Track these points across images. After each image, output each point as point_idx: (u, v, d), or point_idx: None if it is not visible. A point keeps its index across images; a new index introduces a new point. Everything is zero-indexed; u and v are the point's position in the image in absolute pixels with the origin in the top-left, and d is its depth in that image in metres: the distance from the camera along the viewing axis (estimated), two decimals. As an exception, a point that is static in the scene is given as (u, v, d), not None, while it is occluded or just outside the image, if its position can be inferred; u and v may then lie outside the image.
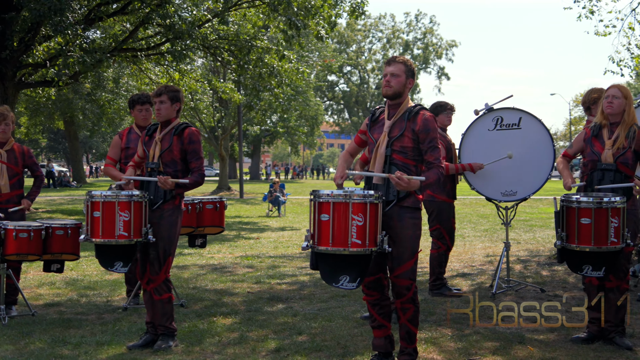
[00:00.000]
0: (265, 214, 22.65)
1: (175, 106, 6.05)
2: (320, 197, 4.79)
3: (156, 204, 5.95)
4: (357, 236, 4.72)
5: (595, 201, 5.58)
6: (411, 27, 78.17)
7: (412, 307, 5.12)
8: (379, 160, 5.17)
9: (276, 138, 59.51)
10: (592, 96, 7.70)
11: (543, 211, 23.05)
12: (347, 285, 4.85)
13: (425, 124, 5.13)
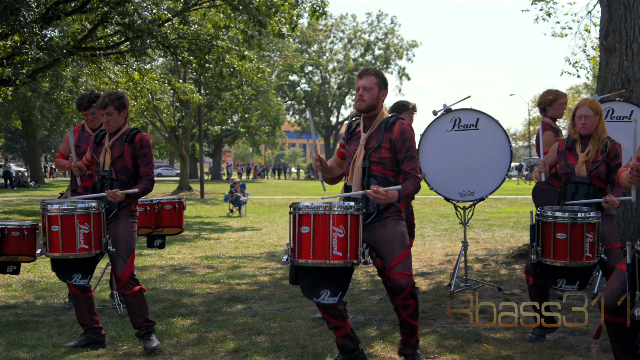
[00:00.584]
0: (226, 214, 22.58)
1: (123, 114, 5.95)
2: (300, 209, 4.70)
3: (112, 212, 5.89)
4: (338, 248, 4.64)
5: (570, 216, 5.59)
6: (372, 27, 78.45)
7: (413, 302, 5.03)
8: (356, 173, 5.15)
9: (237, 138, 59.28)
10: (547, 97, 7.82)
11: (502, 210, 23.30)
12: (329, 300, 4.78)
13: (403, 133, 5.11)
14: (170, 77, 27.33)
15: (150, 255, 11.62)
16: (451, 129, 8.23)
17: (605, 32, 9.77)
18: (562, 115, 7.85)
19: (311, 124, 5.61)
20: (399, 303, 5.01)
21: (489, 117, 8.27)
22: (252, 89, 33.92)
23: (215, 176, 66.91)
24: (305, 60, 71.77)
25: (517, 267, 10.32)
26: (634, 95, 9.23)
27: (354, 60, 77.64)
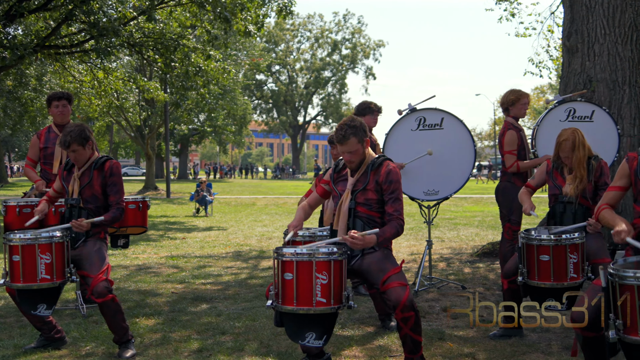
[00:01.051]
0: (192, 213, 22.48)
1: (88, 146, 5.85)
2: (284, 255, 4.62)
3: (79, 241, 5.81)
4: (321, 295, 4.57)
5: (554, 238, 5.62)
6: (339, 27, 78.59)
7: (413, 314, 4.83)
8: (342, 219, 5.10)
9: (204, 137, 59.10)
10: (510, 98, 7.91)
11: (467, 209, 23.46)
12: (314, 343, 4.70)
13: (389, 175, 5.03)
14: (135, 75, 27.14)
15: (114, 255, 11.53)
16: (416, 128, 8.28)
17: (568, 33, 9.88)
18: (524, 114, 7.94)
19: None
20: (399, 316, 4.82)
21: (454, 116, 8.33)
22: (219, 88, 33.79)
23: (182, 175, 66.62)
24: (272, 60, 71.69)
25: (481, 265, 10.42)
26: (596, 95, 9.35)
27: (321, 59, 77.73)
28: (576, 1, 9.73)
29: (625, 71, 9.36)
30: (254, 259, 11.43)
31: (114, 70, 23.43)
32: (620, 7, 9.38)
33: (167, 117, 33.42)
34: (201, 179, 25.76)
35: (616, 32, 9.41)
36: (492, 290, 8.43)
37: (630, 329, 3.81)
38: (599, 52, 9.46)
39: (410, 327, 4.83)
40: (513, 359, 5.56)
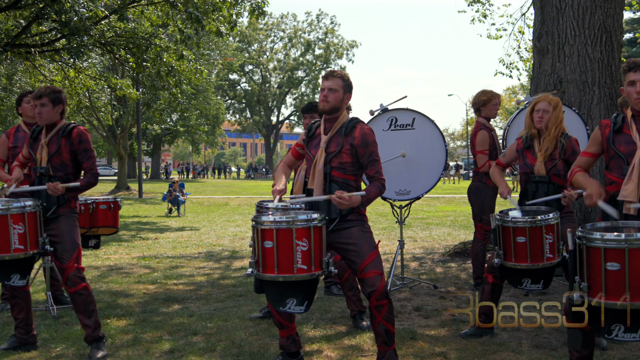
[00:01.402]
0: (165, 214, 22.37)
1: (58, 108, 5.80)
2: (263, 223, 4.62)
3: (50, 210, 5.75)
4: (302, 262, 4.60)
5: (529, 220, 5.69)
6: (312, 27, 78.55)
7: (387, 302, 4.90)
8: (317, 177, 5.08)
9: (177, 137, 58.82)
10: (481, 98, 7.97)
11: (440, 209, 23.58)
12: (295, 309, 4.72)
13: (364, 137, 5.04)
14: (108, 74, 26.96)
15: (85, 255, 11.45)
16: (388, 128, 8.30)
17: (538, 34, 9.97)
18: (495, 115, 8.00)
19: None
20: (373, 304, 4.88)
21: (425, 116, 8.37)
22: (191, 87, 33.68)
23: (155, 175, 66.24)
24: (246, 59, 71.51)
25: (453, 265, 10.47)
26: (566, 96, 9.44)
27: (295, 59, 77.66)
28: (546, 3, 9.82)
29: (594, 72, 9.46)
30: (227, 259, 11.40)
31: (85, 69, 23.24)
32: (589, 9, 9.48)
33: (139, 116, 33.23)
34: (174, 179, 25.67)
35: (586, 34, 9.50)
36: (464, 289, 8.48)
37: (594, 292, 3.90)
38: (569, 53, 9.55)
39: (384, 316, 4.90)
40: (484, 357, 5.60)
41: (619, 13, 9.75)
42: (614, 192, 4.48)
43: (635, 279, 3.77)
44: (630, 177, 4.39)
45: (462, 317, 6.96)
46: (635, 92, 4.42)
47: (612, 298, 3.82)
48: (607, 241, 3.84)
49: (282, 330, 5.25)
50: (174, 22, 19.06)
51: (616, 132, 4.55)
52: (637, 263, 3.78)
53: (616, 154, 4.50)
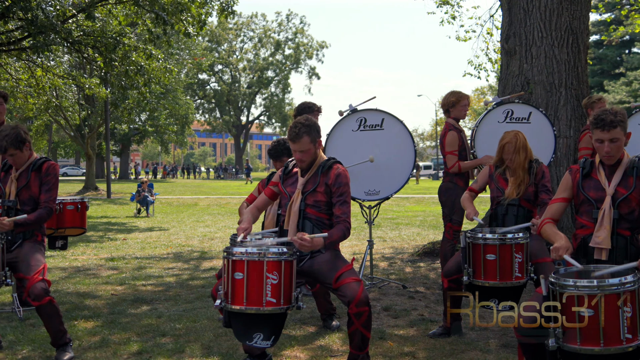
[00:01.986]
0: (134, 214, 22.23)
1: (26, 148, 5.74)
2: (234, 255, 4.57)
3: (16, 244, 5.68)
4: (272, 295, 4.54)
5: (499, 237, 5.70)
6: (282, 27, 78.55)
7: (367, 309, 4.82)
8: (292, 218, 5.09)
9: (146, 137, 58.46)
10: (450, 99, 8.00)
11: (409, 209, 23.67)
12: (262, 344, 4.67)
13: (338, 177, 5.07)
14: (76, 73, 26.71)
15: (53, 256, 11.34)
16: (357, 128, 8.32)
17: (506, 36, 10.05)
18: (465, 116, 8.04)
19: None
20: (353, 311, 4.81)
21: (394, 117, 8.40)
22: (160, 87, 33.46)
23: (123, 175, 65.77)
24: (215, 59, 71.32)
25: (422, 265, 10.52)
26: (533, 97, 9.53)
27: (264, 59, 77.58)
28: (514, 4, 9.90)
29: (561, 74, 9.57)
30: (196, 260, 11.35)
31: (52, 68, 23.03)
32: (556, 11, 9.59)
33: (107, 116, 32.98)
34: (142, 179, 25.50)
35: (553, 36, 9.60)
36: (433, 289, 8.53)
37: (570, 337, 3.87)
38: (537, 54, 9.64)
39: (362, 323, 4.84)
40: (452, 357, 5.63)
41: (585, 15, 9.87)
42: (585, 235, 4.52)
43: (609, 324, 3.78)
44: (601, 224, 4.44)
45: (431, 317, 7.00)
46: (604, 151, 4.45)
47: (588, 344, 3.82)
48: (580, 287, 3.85)
49: None
50: (143, 22, 18.96)
51: (585, 176, 4.59)
52: (610, 308, 3.79)
53: (586, 199, 4.54)
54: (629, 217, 4.46)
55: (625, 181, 4.49)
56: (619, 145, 4.44)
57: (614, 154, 4.46)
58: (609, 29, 20.68)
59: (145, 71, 19.63)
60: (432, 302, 7.81)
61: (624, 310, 3.78)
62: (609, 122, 4.37)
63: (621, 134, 4.41)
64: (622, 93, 46.49)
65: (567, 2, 9.63)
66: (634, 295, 3.82)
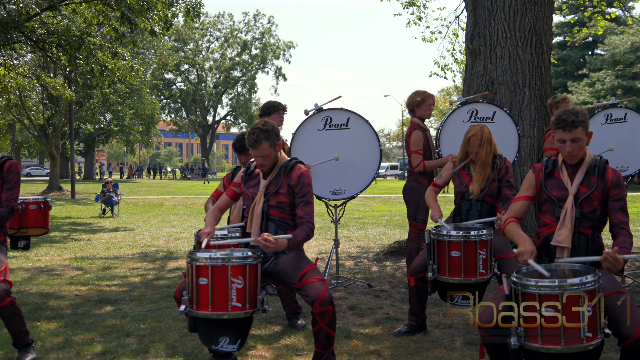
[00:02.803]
0: (98, 214, 22.04)
1: None
2: (198, 260, 4.54)
3: None
4: (237, 299, 4.53)
5: (464, 234, 5.74)
6: (249, 27, 78.28)
7: (331, 308, 4.86)
8: (255, 220, 5.08)
9: (111, 137, 57.96)
10: (415, 99, 8.04)
11: (376, 209, 23.75)
12: (227, 348, 4.65)
13: (301, 178, 5.09)
14: (40, 72, 26.40)
15: (15, 257, 11.21)
16: (322, 128, 8.33)
17: (471, 36, 10.12)
18: (430, 115, 8.08)
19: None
20: (317, 310, 4.83)
21: (359, 116, 8.42)
22: (126, 87, 33.22)
23: (88, 176, 65.12)
24: (181, 59, 70.91)
25: (388, 264, 10.57)
26: (497, 97, 9.60)
27: (231, 59, 77.29)
28: (479, 5, 9.97)
29: (525, 74, 9.65)
30: (161, 260, 11.29)
31: (16, 66, 22.74)
32: (520, 12, 9.67)
33: (71, 115, 32.64)
34: (107, 179, 25.23)
35: (517, 36, 9.69)
36: (398, 288, 8.56)
37: (531, 336, 3.92)
38: (501, 55, 9.72)
39: (327, 322, 4.86)
40: (417, 355, 5.66)
41: (548, 16, 9.97)
42: (548, 234, 4.56)
43: (570, 323, 3.85)
44: (563, 222, 4.47)
45: (396, 316, 7.03)
46: (566, 151, 4.49)
47: (549, 343, 3.86)
48: (542, 287, 3.90)
49: None
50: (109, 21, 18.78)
51: (547, 175, 4.64)
52: (571, 307, 3.85)
53: (549, 198, 4.58)
54: (591, 215, 4.51)
55: (587, 180, 4.54)
56: (580, 145, 4.48)
57: (576, 154, 4.50)
58: (572, 30, 20.90)
59: (110, 71, 19.43)
60: (397, 300, 7.84)
61: (585, 310, 3.83)
62: (570, 123, 4.42)
63: (582, 134, 4.46)
64: (585, 94, 47.05)
65: (531, 3, 9.72)
66: (594, 295, 3.88)
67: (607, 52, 50.73)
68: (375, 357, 5.61)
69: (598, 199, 4.51)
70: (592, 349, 3.86)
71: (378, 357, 5.60)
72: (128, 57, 20.64)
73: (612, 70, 49.33)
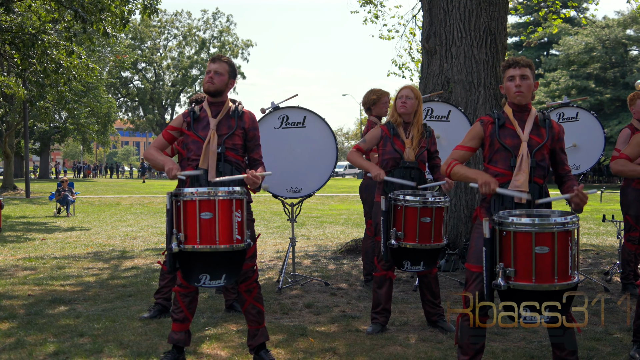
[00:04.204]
0: (54, 214, 21.75)
1: None
2: (203, 195, 4.71)
3: None
4: (238, 232, 4.74)
5: (421, 200, 5.84)
6: (208, 25, 77.90)
7: (256, 286, 5.24)
8: (211, 157, 5.15)
9: (67, 135, 57.19)
10: (371, 97, 8.09)
11: (334, 208, 23.80)
12: (211, 283, 4.83)
13: (253, 122, 5.35)
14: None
15: (-33, 257, 11.03)
16: (279, 126, 8.32)
17: (427, 36, 10.19)
18: (386, 113, 8.14)
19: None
20: (243, 289, 5.19)
21: (316, 115, 8.43)
22: (81, 85, 32.80)
23: (43, 175, 64.22)
24: (138, 57, 70.27)
25: (345, 262, 10.60)
26: (453, 96, 9.69)
27: (189, 57, 76.81)
28: (435, 5, 10.05)
29: (480, 73, 9.75)
30: (116, 259, 11.18)
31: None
32: (475, 12, 9.77)
33: (26, 114, 32.20)
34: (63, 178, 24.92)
35: (472, 36, 9.78)
36: (355, 286, 8.59)
37: (521, 275, 4.12)
38: (456, 54, 9.81)
39: (255, 297, 5.25)
40: (372, 352, 5.68)
41: (503, 16, 10.08)
42: (502, 183, 4.62)
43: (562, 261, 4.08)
44: (520, 167, 4.56)
45: (353, 313, 7.05)
46: (514, 86, 4.65)
47: (542, 281, 4.09)
48: (537, 225, 4.08)
49: (182, 324, 5.25)
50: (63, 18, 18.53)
51: (500, 127, 4.71)
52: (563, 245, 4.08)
53: (502, 147, 4.66)
54: (542, 164, 4.66)
55: (537, 130, 4.70)
56: (528, 84, 4.65)
57: (524, 91, 4.66)
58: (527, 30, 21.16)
59: (65, 69, 19.17)
60: (353, 298, 7.87)
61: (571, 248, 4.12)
62: (520, 61, 4.67)
63: (531, 75, 4.67)
64: (540, 94, 47.65)
65: (486, 3, 9.83)
66: (573, 235, 4.16)
67: (562, 52, 51.50)
68: (330, 354, 5.63)
69: (547, 149, 4.69)
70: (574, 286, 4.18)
71: (334, 355, 5.61)
72: (84, 55, 20.39)
73: (567, 70, 50.09)
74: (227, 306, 7.20)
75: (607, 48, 49.32)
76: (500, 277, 4.11)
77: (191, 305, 5.27)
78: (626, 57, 51.04)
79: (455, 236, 9.81)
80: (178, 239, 4.71)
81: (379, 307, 6.37)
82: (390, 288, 6.41)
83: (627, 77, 48.29)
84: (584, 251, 11.98)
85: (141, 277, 9.33)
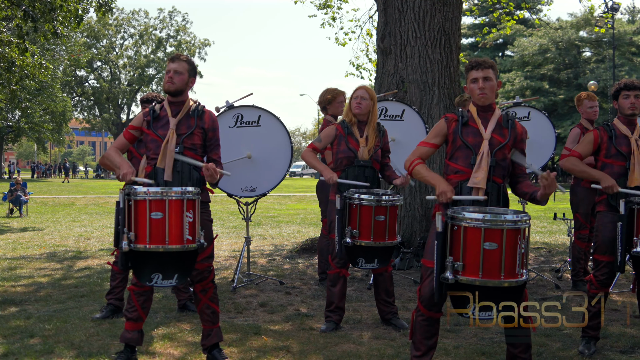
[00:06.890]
0: (6, 214, 21.42)
1: None
2: (154, 195, 4.69)
3: None
4: (189, 232, 4.73)
5: (375, 199, 5.91)
6: (164, 24, 77.38)
7: (212, 286, 5.29)
8: (169, 156, 5.12)
9: (20, 135, 56.37)
10: (326, 97, 8.12)
11: (291, 207, 23.80)
12: (163, 283, 4.83)
13: (213, 122, 5.32)
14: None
15: None
16: (233, 125, 8.29)
17: (382, 35, 10.25)
18: (341, 112, 8.16)
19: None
20: (199, 289, 5.23)
21: (271, 114, 8.42)
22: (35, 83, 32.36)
23: (-4, 175, 63.26)
24: (94, 55, 69.53)
25: (300, 261, 10.61)
26: (408, 95, 9.75)
27: (145, 56, 76.20)
28: (389, 5, 10.11)
29: (434, 73, 9.84)
30: (70, 260, 11.04)
31: None
32: (429, 12, 9.85)
33: (-22, 113, 31.63)
34: (16, 178, 24.54)
35: (426, 36, 9.86)
36: (309, 284, 8.60)
37: (468, 270, 4.16)
38: (411, 54, 9.88)
39: (210, 297, 5.30)
40: (326, 350, 5.70)
41: (457, 17, 10.18)
42: (460, 180, 4.68)
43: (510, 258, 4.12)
44: (479, 165, 4.62)
45: (307, 312, 7.07)
46: (477, 88, 4.70)
47: (489, 276, 4.13)
48: (487, 222, 4.12)
49: (135, 323, 5.25)
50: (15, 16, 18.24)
51: (463, 125, 4.77)
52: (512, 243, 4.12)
53: (464, 145, 4.71)
54: (502, 163, 4.71)
55: (499, 130, 4.76)
56: (492, 85, 4.72)
57: (488, 93, 4.72)
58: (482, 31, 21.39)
59: (18, 67, 18.87)
60: (308, 297, 7.88)
61: (520, 246, 4.15)
62: (483, 62, 4.72)
63: (494, 76, 4.72)
64: (496, 94, 48.17)
65: (440, 3, 9.92)
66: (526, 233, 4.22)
67: (517, 53, 52.19)
68: (284, 352, 5.63)
69: (509, 149, 4.74)
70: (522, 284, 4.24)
71: (287, 353, 5.62)
72: (37, 53, 20.10)
73: (522, 71, 50.77)
74: (179, 306, 7.18)
75: (561, 49, 50.14)
76: (449, 270, 4.15)
77: (145, 305, 5.28)
78: (579, 59, 51.92)
79: (410, 235, 9.88)
80: (129, 238, 4.69)
81: (333, 306, 6.39)
82: (344, 286, 6.44)
83: (580, 78, 49.11)
84: (536, 249, 12.17)
85: (94, 277, 9.23)
